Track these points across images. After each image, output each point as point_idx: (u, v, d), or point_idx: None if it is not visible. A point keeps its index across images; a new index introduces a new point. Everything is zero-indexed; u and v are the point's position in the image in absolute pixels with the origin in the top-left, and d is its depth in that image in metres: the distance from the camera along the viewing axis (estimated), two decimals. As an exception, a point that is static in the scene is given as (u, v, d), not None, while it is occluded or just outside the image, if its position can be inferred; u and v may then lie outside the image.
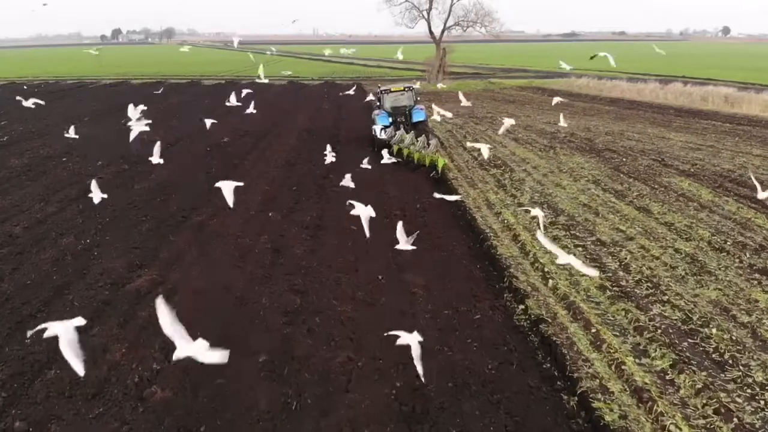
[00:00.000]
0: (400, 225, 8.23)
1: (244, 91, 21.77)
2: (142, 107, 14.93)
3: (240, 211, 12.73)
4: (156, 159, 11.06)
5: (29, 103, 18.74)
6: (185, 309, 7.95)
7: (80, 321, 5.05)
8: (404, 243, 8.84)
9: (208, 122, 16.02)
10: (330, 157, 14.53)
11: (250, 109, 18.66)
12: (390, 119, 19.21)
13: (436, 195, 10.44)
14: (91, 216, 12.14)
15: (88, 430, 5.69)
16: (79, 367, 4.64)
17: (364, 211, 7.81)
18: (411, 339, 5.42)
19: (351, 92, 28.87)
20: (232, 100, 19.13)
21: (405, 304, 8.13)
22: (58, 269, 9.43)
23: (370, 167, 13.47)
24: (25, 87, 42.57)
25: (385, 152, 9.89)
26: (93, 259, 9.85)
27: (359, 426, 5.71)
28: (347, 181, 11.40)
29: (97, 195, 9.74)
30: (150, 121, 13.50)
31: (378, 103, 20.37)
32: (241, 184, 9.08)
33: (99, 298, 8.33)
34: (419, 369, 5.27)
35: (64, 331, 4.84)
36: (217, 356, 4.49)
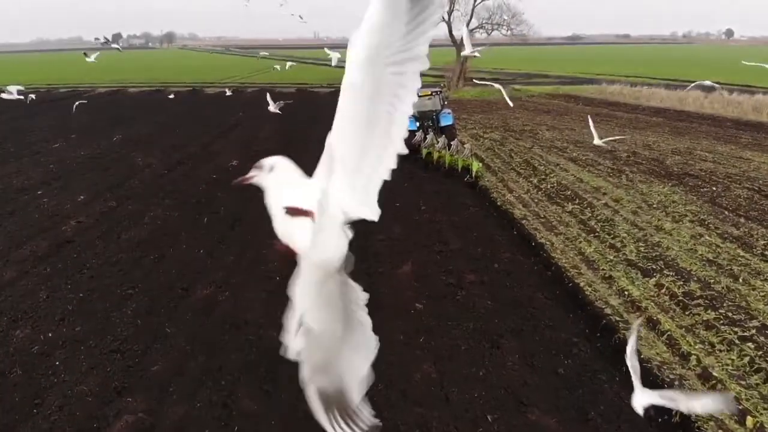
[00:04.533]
0: None
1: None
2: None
3: (259, 275, 9.57)
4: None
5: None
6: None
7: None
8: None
9: None
10: (273, 108, 16.17)
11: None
12: (417, 124, 18.74)
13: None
14: (59, 287, 8.96)
15: None
16: None
17: None
18: None
19: None
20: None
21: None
22: (-3, 397, 6.26)
23: None
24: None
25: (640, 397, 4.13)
26: (52, 374, 6.66)
27: None
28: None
29: None
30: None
31: None
32: None
33: (49, 467, 5.17)
34: None
35: None
36: None
